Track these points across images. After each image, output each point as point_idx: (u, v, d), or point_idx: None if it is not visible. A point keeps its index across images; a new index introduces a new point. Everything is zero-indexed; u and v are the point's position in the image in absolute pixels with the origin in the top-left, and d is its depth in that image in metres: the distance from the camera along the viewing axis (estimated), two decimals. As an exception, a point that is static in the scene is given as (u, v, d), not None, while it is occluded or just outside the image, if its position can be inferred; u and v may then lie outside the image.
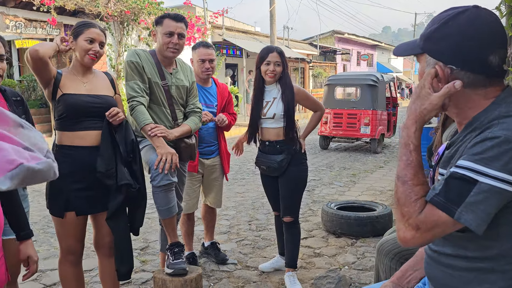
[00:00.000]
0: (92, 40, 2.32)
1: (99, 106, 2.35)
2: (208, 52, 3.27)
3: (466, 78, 1.14)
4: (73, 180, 2.31)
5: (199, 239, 4.08)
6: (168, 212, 2.53)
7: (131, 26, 12.64)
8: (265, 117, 3.06)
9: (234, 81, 19.06)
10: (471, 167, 1.04)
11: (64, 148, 2.34)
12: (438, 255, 1.22)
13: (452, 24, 1.15)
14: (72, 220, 2.34)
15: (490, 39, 1.13)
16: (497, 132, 1.05)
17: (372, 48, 35.10)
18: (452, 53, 1.14)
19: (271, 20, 17.50)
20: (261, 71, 3.03)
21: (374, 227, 4.18)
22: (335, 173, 7.58)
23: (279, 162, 3.03)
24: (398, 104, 11.41)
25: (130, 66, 2.62)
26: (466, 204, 1.04)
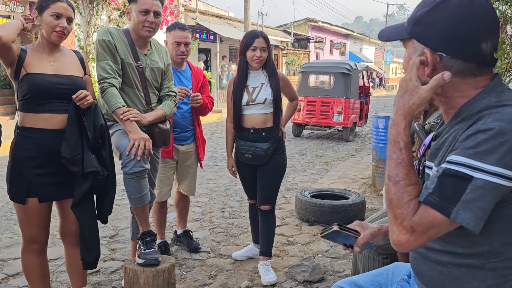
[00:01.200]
0: (59, 15, 2.15)
1: (66, 87, 2.20)
2: (184, 34, 3.15)
3: (456, 66, 1.08)
4: (35, 165, 2.18)
5: (171, 226, 3.98)
6: (140, 201, 2.43)
7: (100, 6, 12.19)
8: (254, 102, 2.97)
9: (207, 67, 18.80)
10: (465, 163, 0.99)
11: (26, 131, 2.19)
12: (426, 251, 1.18)
13: (443, 7, 1.07)
14: (34, 207, 2.21)
15: (484, 26, 1.06)
16: (490, 124, 0.99)
17: (345, 37, 35.34)
18: (442, 40, 1.07)
19: (246, 6, 17.29)
20: (247, 57, 2.95)
21: (347, 215, 4.18)
22: (308, 160, 7.59)
23: (266, 150, 2.98)
24: (370, 93, 11.52)
25: (101, 45, 2.46)
26: (462, 203, 0.98)
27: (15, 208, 2.27)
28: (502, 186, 0.98)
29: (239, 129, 3.06)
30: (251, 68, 3.02)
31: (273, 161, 3.04)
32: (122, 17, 12.76)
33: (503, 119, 1.00)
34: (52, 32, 2.16)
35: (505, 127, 0.98)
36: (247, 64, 3.00)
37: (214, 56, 18.06)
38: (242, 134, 3.05)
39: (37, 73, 2.16)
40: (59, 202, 2.32)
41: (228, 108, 3.14)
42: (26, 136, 2.19)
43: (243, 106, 2.99)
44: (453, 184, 1.00)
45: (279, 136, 3.06)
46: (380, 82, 38.83)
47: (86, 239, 2.31)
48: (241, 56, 3.00)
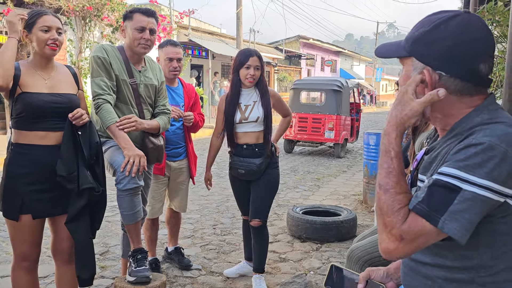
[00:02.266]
0: (48, 28, 2.15)
1: (61, 106, 2.20)
2: (176, 50, 3.18)
3: (454, 86, 1.11)
4: (29, 181, 2.16)
5: (162, 243, 3.95)
6: (133, 217, 2.41)
7: (93, 22, 12.24)
8: (246, 120, 3.00)
9: (199, 83, 18.87)
10: (455, 174, 1.01)
11: (20, 147, 2.18)
12: (416, 265, 1.19)
13: (444, 28, 1.10)
14: (27, 223, 2.19)
15: (482, 47, 1.10)
16: (481, 139, 1.02)
17: (335, 54, 35.74)
18: (442, 59, 1.10)
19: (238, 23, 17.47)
20: (240, 75, 2.98)
21: (339, 232, 4.19)
22: (300, 177, 7.60)
23: (259, 165, 3.01)
24: (361, 110, 11.63)
25: (96, 62, 2.47)
26: (449, 213, 1.00)
27: (7, 224, 2.24)
28: (489, 199, 1.00)
29: (233, 146, 3.08)
30: (244, 86, 3.04)
31: (265, 176, 3.06)
32: (114, 33, 12.82)
33: (493, 135, 1.03)
34: (45, 46, 2.16)
35: (494, 142, 1.01)
36: (240, 82, 3.02)
37: (206, 72, 18.15)
38: (236, 150, 3.07)
39: (32, 92, 2.15)
40: (52, 218, 2.30)
41: (218, 124, 3.16)
42: (20, 153, 2.18)
43: (236, 124, 3.01)
44: (442, 194, 1.02)
45: (272, 151, 3.09)
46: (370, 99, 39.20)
47: (82, 256, 2.28)
48: (234, 74, 3.01)
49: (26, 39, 2.19)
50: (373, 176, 5.44)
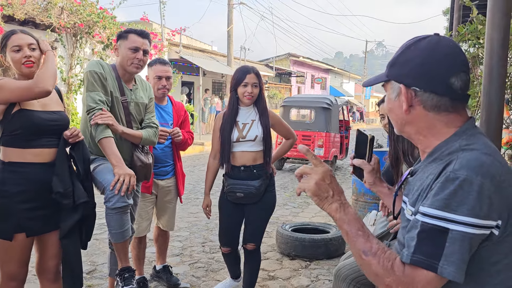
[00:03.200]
0: (19, 46, 2.15)
1: (56, 123, 2.23)
2: (165, 69, 3.21)
3: (430, 100, 1.15)
4: (24, 199, 2.15)
5: (150, 261, 3.92)
6: (122, 236, 2.40)
7: (84, 39, 12.29)
8: (244, 139, 2.91)
9: (190, 99, 18.93)
10: (439, 215, 1.03)
11: (14, 165, 2.17)
12: None
13: (414, 48, 1.17)
14: (20, 242, 2.17)
15: (451, 61, 1.15)
16: (458, 172, 1.04)
17: (325, 72, 36.15)
18: (414, 75, 1.16)
19: (229, 40, 17.66)
20: (238, 92, 2.92)
21: (328, 249, 4.20)
22: (289, 194, 7.62)
23: (258, 187, 2.91)
24: (350, 127, 11.73)
25: (93, 77, 2.48)
26: (444, 257, 1.02)
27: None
28: (476, 235, 1.02)
29: (229, 167, 2.96)
30: (242, 104, 2.97)
31: (264, 199, 2.97)
32: (105, 50, 12.86)
33: (469, 166, 1.05)
34: (21, 66, 2.16)
35: (470, 176, 1.03)
36: (238, 99, 2.96)
37: (197, 89, 18.23)
38: (232, 173, 2.95)
39: (31, 110, 2.17)
40: (40, 236, 2.29)
41: (214, 144, 3.06)
42: (14, 171, 2.17)
43: (233, 142, 2.92)
44: (433, 239, 1.04)
45: (270, 173, 3.01)
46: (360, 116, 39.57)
47: (73, 268, 2.28)
48: (232, 92, 2.95)
49: (5, 62, 2.21)
50: (362, 193, 5.47)
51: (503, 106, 1.84)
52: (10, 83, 2.11)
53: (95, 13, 11.87)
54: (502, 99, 1.80)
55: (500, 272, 1.09)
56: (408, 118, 1.20)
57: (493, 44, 1.72)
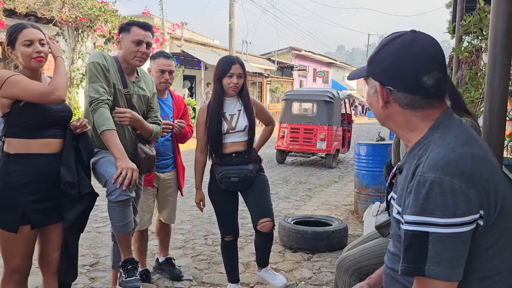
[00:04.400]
0: (31, 41, 2.15)
1: (63, 114, 2.26)
2: (168, 63, 3.20)
3: (404, 99, 1.17)
4: (30, 191, 2.16)
5: (153, 254, 3.93)
6: (125, 228, 2.40)
7: (86, 33, 12.26)
8: (234, 130, 2.93)
9: (192, 93, 18.91)
10: (417, 221, 1.05)
11: (21, 157, 2.16)
12: (394, 273, 1.22)
13: (388, 47, 1.20)
14: (25, 234, 2.18)
15: (423, 61, 1.16)
16: (426, 174, 1.06)
17: (327, 66, 36.03)
18: (388, 74, 1.18)
19: (230, 34, 17.59)
20: (223, 83, 2.90)
21: (330, 242, 4.21)
22: (291, 187, 7.62)
23: (252, 170, 2.96)
24: (352, 120, 11.71)
25: (96, 68, 2.47)
26: (430, 259, 1.04)
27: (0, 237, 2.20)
28: (459, 233, 1.03)
29: (219, 156, 2.97)
30: (227, 95, 2.96)
31: (257, 179, 3.02)
32: (107, 44, 12.84)
33: (436, 168, 1.06)
34: (31, 60, 2.16)
35: (438, 177, 1.04)
36: (223, 91, 2.93)
37: (198, 83, 18.21)
38: (224, 160, 2.95)
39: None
40: (43, 229, 2.29)
41: (199, 138, 3.03)
42: (20, 163, 2.16)
43: (223, 134, 2.92)
44: (415, 245, 1.06)
45: (258, 157, 3.09)
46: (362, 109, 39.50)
47: (72, 257, 2.31)
48: (217, 83, 2.92)
49: (11, 55, 2.20)
50: (364, 186, 5.48)
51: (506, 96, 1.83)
52: (26, 82, 2.10)
53: (97, 7, 11.85)
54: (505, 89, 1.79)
55: (492, 257, 1.10)
56: (386, 114, 1.23)
57: (497, 34, 1.70)
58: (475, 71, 3.38)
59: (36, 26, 2.25)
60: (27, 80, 2.12)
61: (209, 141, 2.96)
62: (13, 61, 2.23)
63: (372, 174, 5.42)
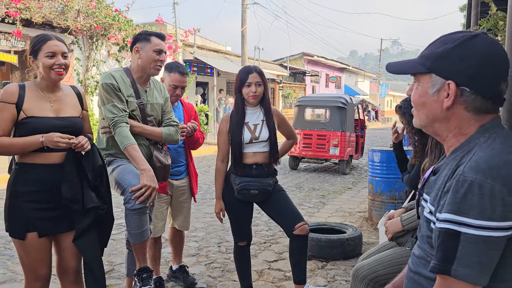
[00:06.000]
0: (53, 53, 2.19)
1: (65, 129, 2.23)
2: (183, 79, 3.22)
3: (475, 102, 1.12)
4: (34, 199, 2.18)
5: (167, 262, 3.94)
6: (141, 236, 2.42)
7: (100, 41, 12.44)
8: (257, 140, 2.93)
9: (205, 100, 19.00)
10: (451, 219, 1.03)
11: (25, 166, 2.21)
12: (419, 277, 1.20)
13: (470, 45, 1.12)
14: (34, 241, 2.20)
15: (504, 65, 1.13)
16: (467, 174, 1.04)
17: (340, 71, 35.93)
18: (469, 75, 1.11)
19: (243, 41, 17.66)
20: (243, 93, 2.92)
21: (344, 250, 4.17)
22: (305, 193, 7.59)
23: (271, 184, 2.95)
24: (366, 126, 11.63)
25: (106, 89, 2.55)
26: (458, 260, 1.02)
27: (16, 245, 2.25)
28: (492, 237, 1.00)
29: (239, 166, 2.95)
30: (248, 105, 2.98)
31: (276, 190, 3.02)
32: (121, 52, 12.99)
33: (478, 169, 1.03)
34: (51, 71, 2.19)
35: (479, 179, 1.02)
36: (243, 100, 2.96)
37: (211, 89, 18.29)
38: (244, 171, 2.93)
39: (38, 117, 2.19)
40: (57, 237, 2.31)
41: (221, 147, 3.04)
42: (25, 171, 2.20)
43: (245, 144, 2.92)
44: (446, 244, 1.04)
45: (275, 170, 3.07)
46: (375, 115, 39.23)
47: (93, 270, 2.29)
48: (238, 94, 2.96)
49: (32, 64, 2.24)
50: (378, 193, 5.42)
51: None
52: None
53: (111, 15, 12.02)
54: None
55: None
56: (444, 115, 1.16)
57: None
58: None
59: (60, 39, 2.29)
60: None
61: (232, 150, 2.96)
62: (33, 70, 2.27)
63: (386, 181, 5.36)
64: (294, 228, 2.90)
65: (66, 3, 11.05)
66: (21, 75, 11.10)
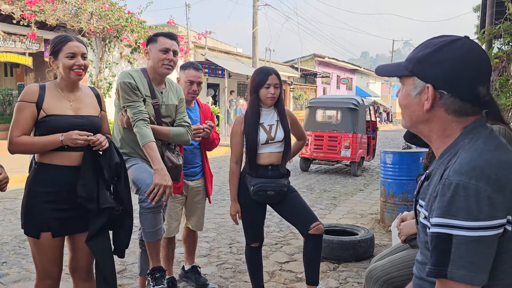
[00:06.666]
0: (73, 54, 2.23)
1: (83, 128, 2.25)
2: (198, 74, 3.24)
3: (454, 105, 1.15)
4: (50, 200, 2.21)
5: (179, 262, 3.96)
6: (155, 235, 2.44)
7: (113, 43, 12.56)
8: (273, 141, 2.94)
9: (216, 101, 19.07)
10: (442, 223, 1.05)
11: (43, 166, 2.24)
12: (423, 282, 1.20)
13: (447, 50, 1.15)
14: (48, 241, 2.23)
15: (482, 70, 1.14)
16: (452, 177, 1.06)
17: (351, 72, 35.79)
18: (445, 79, 1.14)
19: (254, 42, 17.71)
20: (260, 94, 2.92)
21: (356, 251, 4.15)
22: (316, 195, 7.57)
23: (286, 185, 2.96)
24: (377, 128, 11.57)
25: (124, 88, 2.58)
26: (452, 262, 1.02)
27: (30, 243, 2.29)
28: (483, 237, 1.01)
29: (254, 167, 2.94)
30: (264, 106, 2.98)
31: (289, 191, 3.03)
32: (133, 54, 13.10)
33: (461, 171, 1.05)
34: (70, 72, 2.23)
35: (464, 181, 1.04)
36: (259, 101, 2.95)
37: (222, 91, 18.36)
38: (259, 172, 2.93)
39: (57, 115, 2.22)
40: (71, 236, 2.34)
41: (235, 148, 3.02)
42: (43, 172, 2.24)
43: (261, 144, 2.92)
44: (439, 247, 1.05)
45: (289, 170, 3.08)
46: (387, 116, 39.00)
47: (104, 272, 2.30)
48: (254, 95, 2.94)
49: (52, 64, 2.28)
50: (390, 195, 5.39)
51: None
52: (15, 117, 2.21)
53: (123, 17, 12.13)
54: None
55: None
56: (426, 117, 1.20)
57: (532, 41, 1.67)
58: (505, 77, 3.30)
59: (81, 40, 2.32)
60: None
61: (248, 151, 2.95)
62: (53, 70, 2.31)
63: (398, 183, 5.33)
64: (310, 228, 2.90)
65: (80, 6, 11.19)
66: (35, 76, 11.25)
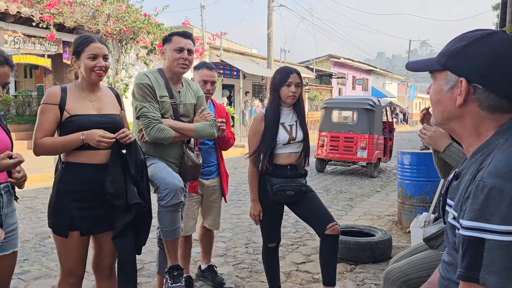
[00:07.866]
0: (95, 55, 2.26)
1: (108, 126, 2.28)
2: (211, 74, 3.26)
3: (488, 100, 1.10)
4: (78, 198, 2.24)
5: (195, 261, 3.98)
6: (174, 234, 2.46)
7: (129, 44, 12.69)
8: (295, 141, 2.94)
9: (231, 102, 19.11)
10: (474, 226, 1.01)
11: (70, 165, 2.27)
12: (449, 283, 1.18)
13: (484, 43, 1.11)
14: (75, 240, 2.26)
15: None
16: (486, 180, 1.02)
17: (367, 73, 35.52)
18: (481, 73, 1.10)
19: (269, 43, 17.69)
20: (281, 93, 2.89)
21: (374, 253, 4.11)
22: (332, 196, 7.52)
23: (305, 184, 2.97)
24: (394, 128, 11.45)
25: (140, 88, 2.60)
26: (485, 267, 0.99)
27: (55, 241, 2.32)
28: None
29: (273, 167, 2.91)
30: (284, 105, 2.95)
31: (307, 190, 3.02)
32: (149, 55, 13.22)
33: (497, 174, 1.01)
34: (91, 73, 2.26)
35: (499, 184, 1.00)
36: (279, 100, 2.92)
37: (237, 91, 18.40)
38: (278, 172, 2.91)
39: (81, 115, 2.25)
40: (96, 235, 2.37)
41: (253, 147, 2.97)
42: (70, 171, 2.27)
43: (282, 144, 2.90)
44: (471, 251, 1.02)
45: (306, 170, 3.07)
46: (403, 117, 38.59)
47: (126, 270, 2.33)
48: (274, 93, 2.92)
49: (74, 64, 2.32)
50: (408, 196, 5.33)
51: None
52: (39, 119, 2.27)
53: (140, 20, 12.25)
54: None
55: None
56: (459, 113, 1.16)
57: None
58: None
59: (103, 41, 2.35)
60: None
61: (268, 150, 2.90)
62: (74, 70, 2.35)
63: (416, 184, 5.26)
64: (326, 228, 2.89)
65: (97, 8, 11.35)
66: (54, 78, 11.44)
